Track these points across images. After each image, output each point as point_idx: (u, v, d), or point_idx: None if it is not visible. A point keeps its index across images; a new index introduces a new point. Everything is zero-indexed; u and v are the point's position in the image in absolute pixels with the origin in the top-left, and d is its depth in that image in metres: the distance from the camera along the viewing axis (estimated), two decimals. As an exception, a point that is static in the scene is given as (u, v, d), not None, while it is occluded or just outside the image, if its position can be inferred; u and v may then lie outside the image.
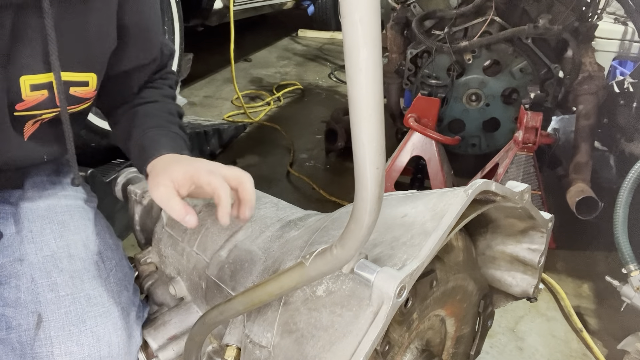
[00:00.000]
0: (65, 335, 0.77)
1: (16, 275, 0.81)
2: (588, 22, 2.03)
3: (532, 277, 0.82)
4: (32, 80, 0.75)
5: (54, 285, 0.80)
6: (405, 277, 0.50)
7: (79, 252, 0.85)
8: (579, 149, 1.87)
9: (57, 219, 0.88)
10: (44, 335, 0.77)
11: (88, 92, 0.83)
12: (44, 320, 0.78)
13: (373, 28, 0.36)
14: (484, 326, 0.86)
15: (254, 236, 0.84)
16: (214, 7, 3.06)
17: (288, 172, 2.52)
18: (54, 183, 0.95)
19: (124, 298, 0.85)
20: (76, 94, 0.81)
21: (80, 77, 0.80)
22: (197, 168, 0.77)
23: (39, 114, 0.80)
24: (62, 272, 0.81)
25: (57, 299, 0.79)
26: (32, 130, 0.83)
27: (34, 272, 0.81)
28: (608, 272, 1.46)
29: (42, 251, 0.83)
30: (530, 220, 0.75)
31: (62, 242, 0.85)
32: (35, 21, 0.71)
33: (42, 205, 0.89)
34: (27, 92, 0.75)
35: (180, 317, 0.89)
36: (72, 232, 0.87)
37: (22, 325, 0.77)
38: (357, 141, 0.40)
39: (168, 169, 0.79)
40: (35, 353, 0.76)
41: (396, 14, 2.34)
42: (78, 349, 0.77)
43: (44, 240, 0.84)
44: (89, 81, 0.82)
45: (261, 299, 0.60)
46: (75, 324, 0.78)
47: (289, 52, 5.03)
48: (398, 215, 0.64)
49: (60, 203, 0.91)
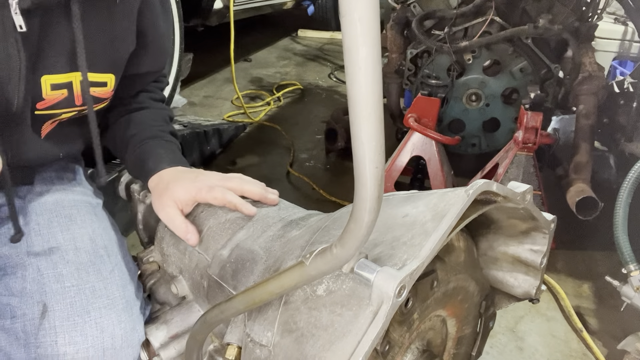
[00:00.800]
0: (70, 325, 0.78)
1: (22, 266, 0.82)
2: (588, 22, 2.03)
3: (534, 278, 0.81)
4: (53, 80, 0.78)
5: (59, 277, 0.81)
6: (405, 277, 0.50)
7: (85, 245, 0.86)
8: (579, 149, 1.87)
9: (64, 213, 0.90)
10: (48, 325, 0.78)
11: (106, 93, 0.87)
12: (49, 310, 0.79)
13: (372, 27, 0.36)
14: (486, 327, 0.86)
15: (255, 235, 0.84)
16: (214, 7, 3.06)
17: (288, 172, 2.52)
18: (62, 178, 0.97)
19: (128, 292, 0.86)
20: (95, 94, 0.84)
21: (100, 77, 0.84)
22: (198, 188, 0.85)
23: (58, 113, 0.83)
24: (68, 264, 0.83)
25: (63, 289, 0.80)
26: (49, 129, 0.86)
27: (40, 263, 0.82)
28: (608, 272, 1.46)
29: (49, 243, 0.85)
30: (532, 221, 0.74)
31: (69, 235, 0.87)
32: (63, 24, 0.75)
33: (49, 200, 0.91)
34: (48, 92, 0.79)
35: (182, 316, 0.89)
36: (78, 226, 0.89)
37: (27, 315, 0.78)
38: (357, 140, 0.40)
39: (170, 189, 0.86)
40: (40, 342, 0.77)
41: (396, 14, 2.34)
42: (82, 339, 0.78)
43: (51, 232, 0.86)
44: (108, 82, 0.86)
45: (261, 298, 0.60)
46: (79, 315, 0.79)
47: (289, 52, 5.03)
48: (399, 215, 0.64)
49: (67, 197, 0.93)
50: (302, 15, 5.64)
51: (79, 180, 1.00)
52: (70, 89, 0.80)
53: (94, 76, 0.82)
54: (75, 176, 1.01)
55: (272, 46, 5.24)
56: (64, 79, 0.79)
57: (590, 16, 2.05)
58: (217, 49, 3.37)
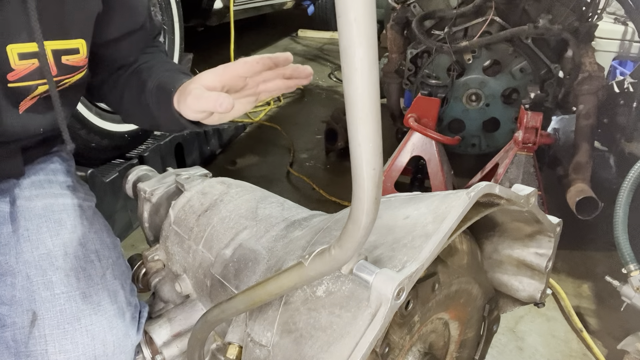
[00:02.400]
0: (60, 333, 0.77)
1: (12, 273, 0.81)
2: (588, 22, 2.03)
3: (539, 282, 0.81)
4: (19, 48, 0.75)
5: (49, 283, 0.80)
6: (404, 279, 0.50)
7: (75, 250, 0.85)
8: (579, 149, 1.87)
9: (53, 218, 0.88)
10: (38, 333, 0.77)
11: (80, 60, 0.83)
12: (39, 318, 0.78)
13: (368, 27, 0.36)
14: (489, 330, 0.85)
15: (258, 235, 0.84)
16: (214, 7, 3.06)
17: (288, 172, 2.52)
18: (52, 182, 0.95)
19: (120, 297, 0.85)
20: (68, 63, 0.81)
21: (70, 44, 0.80)
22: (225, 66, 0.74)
23: (34, 85, 0.79)
24: (58, 270, 0.81)
25: (52, 297, 0.79)
26: (28, 104, 0.83)
27: (29, 270, 0.81)
28: (608, 272, 1.45)
29: (38, 249, 0.83)
30: (537, 224, 0.74)
31: (58, 240, 0.85)
32: None
33: (39, 204, 0.89)
34: (16, 61, 0.75)
35: (185, 315, 0.89)
36: (68, 231, 0.87)
37: (16, 323, 0.77)
38: (354, 142, 0.40)
39: (194, 79, 0.75)
40: (30, 351, 0.76)
41: (396, 14, 2.34)
42: (72, 347, 0.77)
43: (40, 238, 0.84)
44: (79, 48, 0.82)
45: (261, 298, 0.60)
46: (70, 322, 0.78)
47: (289, 52, 5.02)
48: (400, 216, 0.64)
49: (57, 202, 0.91)
50: (302, 15, 5.64)
51: (70, 182, 0.98)
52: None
53: (62, 43, 0.79)
54: (66, 178, 0.98)
55: (272, 46, 5.23)
56: (30, 47, 0.75)
57: (590, 16, 2.05)
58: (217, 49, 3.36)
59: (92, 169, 1.71)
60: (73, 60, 0.82)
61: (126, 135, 1.92)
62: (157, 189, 1.05)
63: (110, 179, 1.77)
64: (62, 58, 0.79)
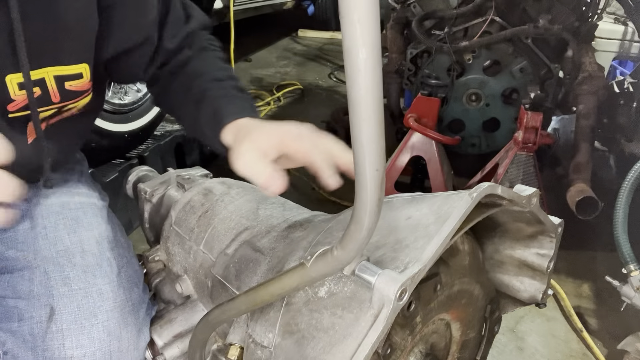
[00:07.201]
0: (77, 328, 0.78)
1: (30, 268, 0.82)
2: (588, 22, 2.03)
3: (541, 282, 0.80)
4: (18, 78, 0.72)
5: (66, 279, 0.81)
6: (407, 280, 0.50)
7: (91, 248, 0.86)
8: (579, 149, 1.87)
9: (70, 215, 0.89)
10: (55, 328, 0.78)
11: (83, 84, 0.80)
12: (57, 313, 0.79)
13: (372, 28, 0.35)
14: (491, 331, 0.85)
15: (259, 236, 0.84)
16: (214, 7, 3.06)
17: (288, 171, 2.52)
18: (67, 180, 0.96)
19: (134, 294, 0.86)
20: (72, 88, 0.79)
21: (72, 69, 0.78)
22: (283, 133, 0.70)
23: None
24: (75, 267, 0.83)
25: (70, 292, 0.80)
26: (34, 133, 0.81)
27: (47, 266, 0.82)
28: (608, 272, 1.45)
29: (56, 246, 0.84)
30: (539, 225, 0.74)
31: (76, 237, 0.86)
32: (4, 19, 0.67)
33: (55, 202, 0.90)
34: (16, 92, 0.73)
35: (185, 315, 0.89)
36: (85, 229, 0.88)
37: (34, 318, 0.79)
38: (357, 143, 0.40)
39: (250, 136, 0.71)
40: (47, 345, 0.77)
41: (396, 14, 2.34)
42: (89, 342, 0.78)
43: (58, 235, 0.86)
44: (82, 72, 0.79)
45: (263, 299, 0.60)
46: (87, 318, 0.79)
47: (289, 52, 5.03)
48: (402, 217, 0.64)
49: (73, 200, 0.92)
50: (302, 15, 5.63)
51: (85, 181, 0.99)
52: (43, 85, 0.74)
53: (64, 69, 0.76)
54: (81, 178, 1.00)
55: (272, 46, 5.23)
56: (32, 76, 0.72)
57: (590, 16, 2.05)
58: (217, 48, 3.36)
59: (92, 169, 1.71)
60: (77, 85, 0.79)
61: (126, 135, 1.92)
62: (157, 189, 1.06)
63: (110, 179, 1.77)
64: (65, 84, 0.77)
